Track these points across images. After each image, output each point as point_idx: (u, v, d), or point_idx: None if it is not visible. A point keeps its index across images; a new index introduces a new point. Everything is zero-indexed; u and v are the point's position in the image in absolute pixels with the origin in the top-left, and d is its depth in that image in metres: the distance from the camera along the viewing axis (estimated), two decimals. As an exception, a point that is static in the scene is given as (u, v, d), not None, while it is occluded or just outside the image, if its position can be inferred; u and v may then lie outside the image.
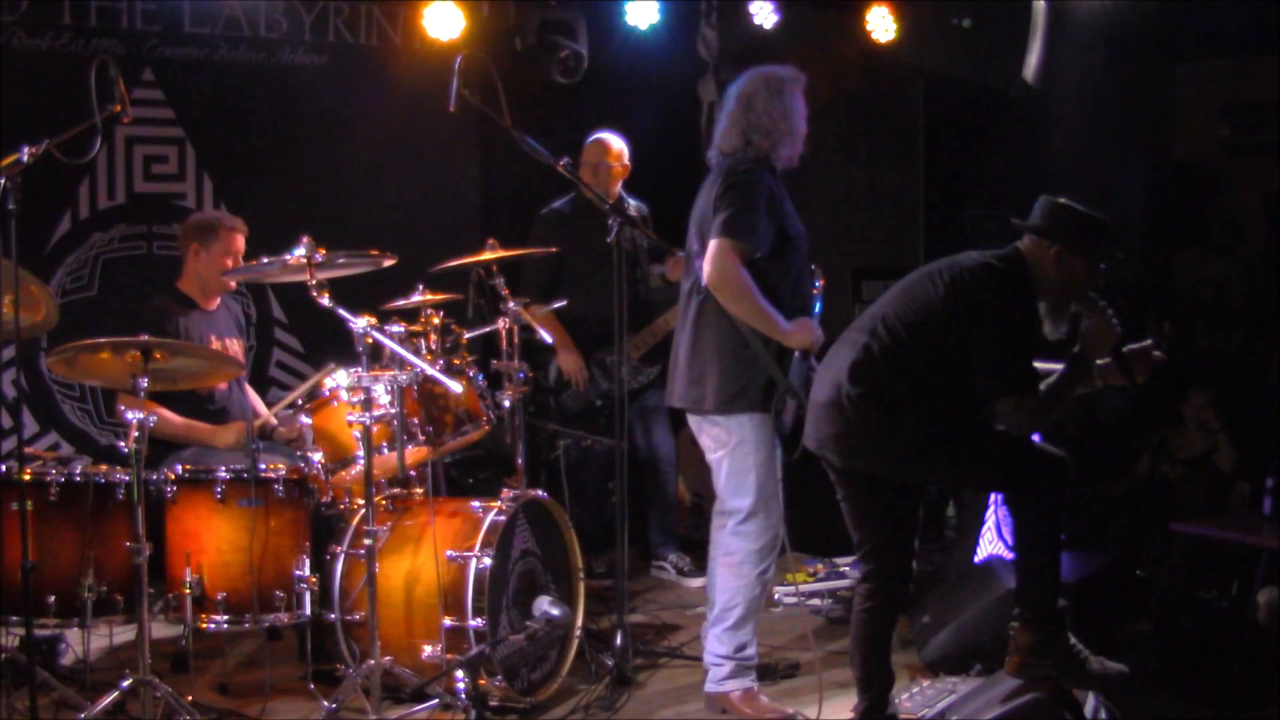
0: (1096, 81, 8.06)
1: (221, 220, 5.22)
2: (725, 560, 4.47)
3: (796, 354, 4.33)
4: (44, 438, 6.06)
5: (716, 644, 4.47)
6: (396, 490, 4.70)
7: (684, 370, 4.45)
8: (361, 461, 4.26)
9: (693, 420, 4.55)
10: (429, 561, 4.36)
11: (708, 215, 4.36)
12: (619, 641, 4.70)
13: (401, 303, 4.73)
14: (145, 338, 4.12)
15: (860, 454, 3.98)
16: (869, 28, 6.90)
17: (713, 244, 4.26)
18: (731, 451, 4.40)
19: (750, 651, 4.49)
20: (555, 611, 4.40)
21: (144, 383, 4.05)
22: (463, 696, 4.21)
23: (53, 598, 4.15)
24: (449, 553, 4.36)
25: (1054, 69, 6.64)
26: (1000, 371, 3.89)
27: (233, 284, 5.25)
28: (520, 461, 4.89)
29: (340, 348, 4.55)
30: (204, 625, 4.31)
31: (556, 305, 5.67)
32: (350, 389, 4.31)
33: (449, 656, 4.27)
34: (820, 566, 5.83)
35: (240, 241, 5.19)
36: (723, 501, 4.49)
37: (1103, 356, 4.02)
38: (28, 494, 4.02)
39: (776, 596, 5.66)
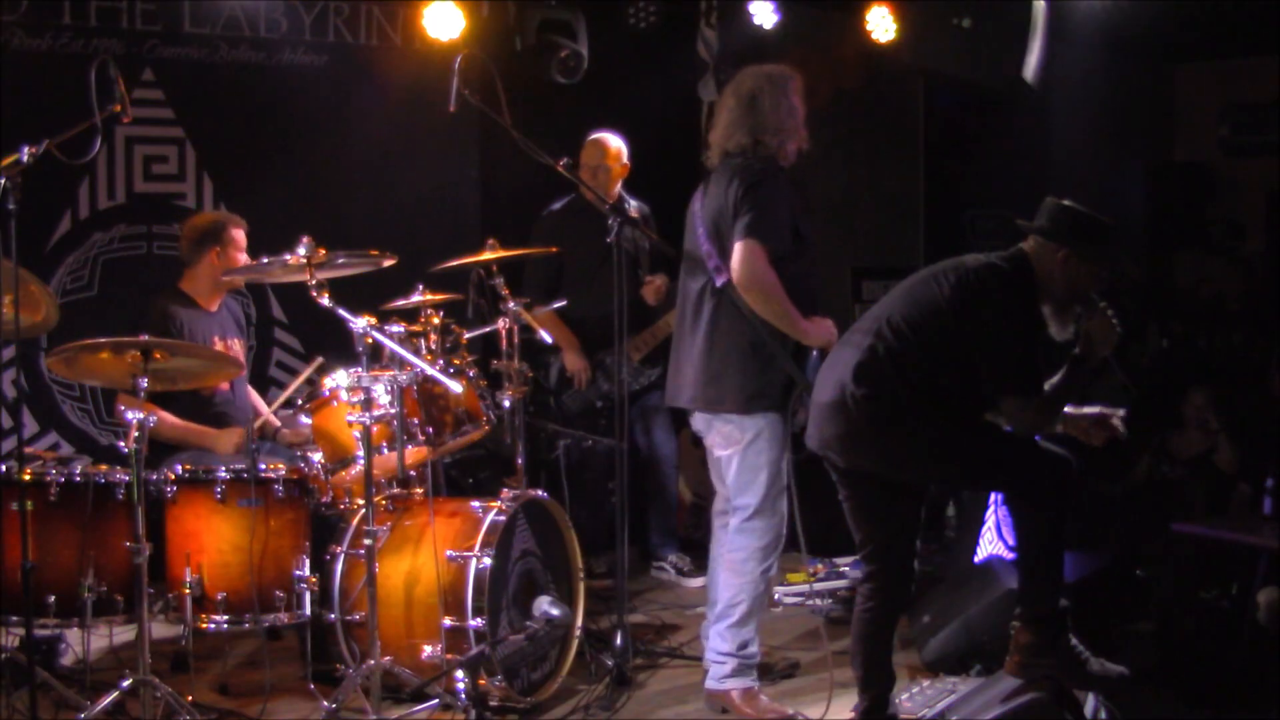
0: (1096, 81, 8.05)
1: (227, 219, 5.24)
2: (730, 557, 4.48)
3: (815, 353, 4.35)
4: (44, 438, 6.06)
5: (719, 641, 4.47)
6: (396, 490, 4.70)
7: (698, 370, 4.43)
8: (361, 461, 4.26)
9: (700, 418, 4.54)
10: (429, 561, 4.36)
11: (724, 216, 4.35)
12: (619, 641, 4.70)
13: (401, 303, 4.73)
14: (145, 338, 4.12)
15: (865, 455, 3.98)
16: (869, 28, 6.90)
17: (739, 246, 4.25)
18: (744, 449, 4.39)
19: (752, 649, 4.49)
20: (555, 611, 4.40)
21: (144, 383, 4.05)
22: (463, 696, 4.21)
23: (53, 598, 4.14)
24: (449, 553, 4.36)
25: (1054, 69, 6.64)
26: (1005, 372, 3.89)
27: (240, 282, 5.26)
28: (520, 461, 4.89)
29: (340, 348, 4.55)
30: (204, 625, 4.31)
31: (556, 305, 5.67)
32: (350, 389, 4.31)
33: (449, 656, 4.27)
34: (820, 566, 5.83)
35: (244, 236, 5.21)
36: (729, 499, 4.50)
37: (1103, 357, 4.02)
38: (28, 494, 4.02)
39: (776, 596, 5.67)
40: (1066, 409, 4.06)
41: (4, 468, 4.23)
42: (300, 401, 4.67)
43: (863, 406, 3.89)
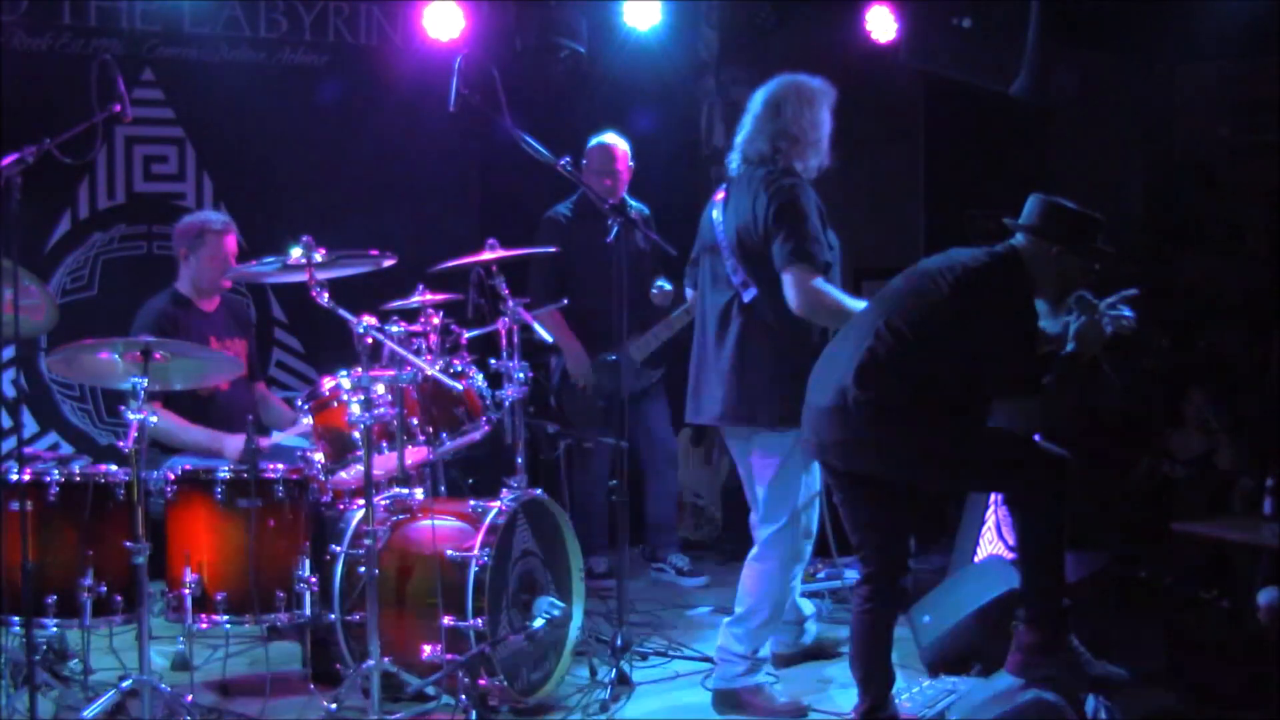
0: (1096, 81, 8.04)
1: (207, 225, 5.18)
2: (757, 567, 4.48)
3: None
4: (44, 438, 6.07)
5: (733, 642, 4.48)
6: (396, 490, 4.70)
7: (729, 387, 4.40)
8: (361, 461, 4.26)
9: (735, 434, 4.53)
10: (429, 561, 4.36)
11: (751, 231, 4.31)
12: (619, 641, 4.70)
13: (401, 303, 4.73)
14: (145, 338, 4.12)
15: (866, 458, 3.97)
16: (869, 28, 6.90)
17: (789, 275, 4.21)
18: (782, 464, 4.39)
19: (765, 653, 4.52)
20: (555, 611, 4.40)
21: (144, 383, 4.05)
22: (463, 696, 4.21)
23: (53, 598, 4.15)
24: (449, 553, 4.36)
25: (1053, 69, 6.63)
26: (1009, 371, 3.89)
27: (227, 283, 5.23)
28: (520, 461, 4.89)
29: (340, 348, 4.55)
30: (204, 625, 4.31)
31: (554, 306, 5.66)
32: (350, 389, 4.31)
33: (449, 656, 4.27)
34: (820, 566, 5.82)
35: (230, 243, 5.17)
36: (760, 510, 4.49)
37: (1092, 355, 4.02)
38: (28, 494, 4.02)
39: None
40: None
41: (4, 468, 4.23)
42: (300, 402, 4.67)
43: (864, 410, 3.87)
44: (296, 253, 4.16)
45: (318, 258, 4.16)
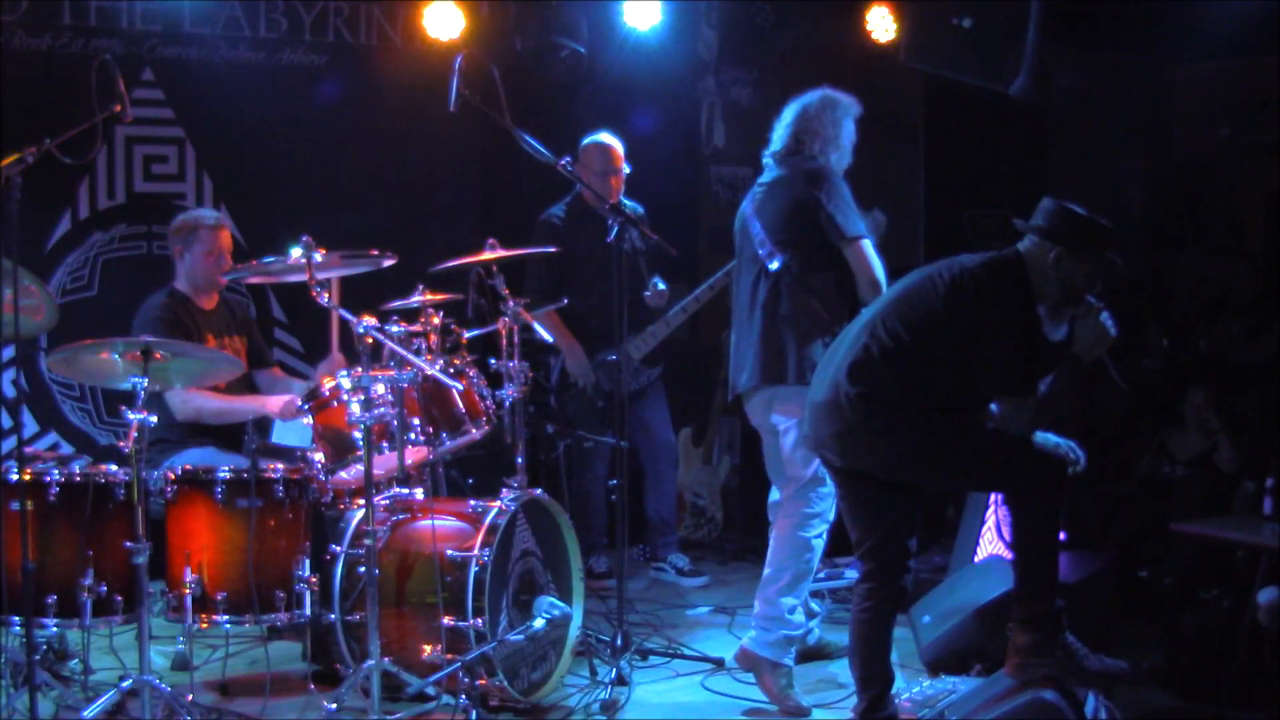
0: (1096, 81, 8.05)
1: (200, 220, 5.18)
2: (782, 524, 4.64)
3: (819, 343, 4.53)
4: (44, 438, 6.07)
5: (767, 607, 4.57)
6: (396, 490, 4.70)
7: (759, 349, 4.62)
8: (361, 461, 4.26)
9: (760, 402, 4.69)
10: (429, 561, 4.36)
11: (786, 210, 4.61)
12: (619, 641, 4.70)
13: (401, 303, 4.73)
14: (145, 337, 4.12)
15: (859, 454, 3.98)
16: (869, 28, 6.91)
17: (854, 250, 4.55)
18: (801, 424, 4.48)
19: (799, 618, 4.59)
20: (555, 611, 4.40)
21: (144, 383, 4.05)
22: (463, 696, 4.21)
23: (53, 598, 4.15)
24: (449, 553, 4.36)
25: (1053, 69, 6.63)
26: (999, 372, 3.90)
27: (223, 281, 5.23)
28: (520, 461, 4.89)
29: (340, 348, 4.55)
30: (204, 625, 4.31)
31: (555, 305, 5.67)
32: (351, 389, 4.31)
33: (449, 656, 4.27)
34: (820, 566, 5.82)
35: (224, 238, 5.17)
36: (785, 471, 4.65)
37: (1096, 357, 4.01)
38: (28, 494, 4.02)
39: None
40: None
41: (4, 467, 4.23)
42: (301, 402, 4.67)
43: (857, 405, 3.90)
44: (296, 253, 4.16)
45: (318, 258, 4.16)
